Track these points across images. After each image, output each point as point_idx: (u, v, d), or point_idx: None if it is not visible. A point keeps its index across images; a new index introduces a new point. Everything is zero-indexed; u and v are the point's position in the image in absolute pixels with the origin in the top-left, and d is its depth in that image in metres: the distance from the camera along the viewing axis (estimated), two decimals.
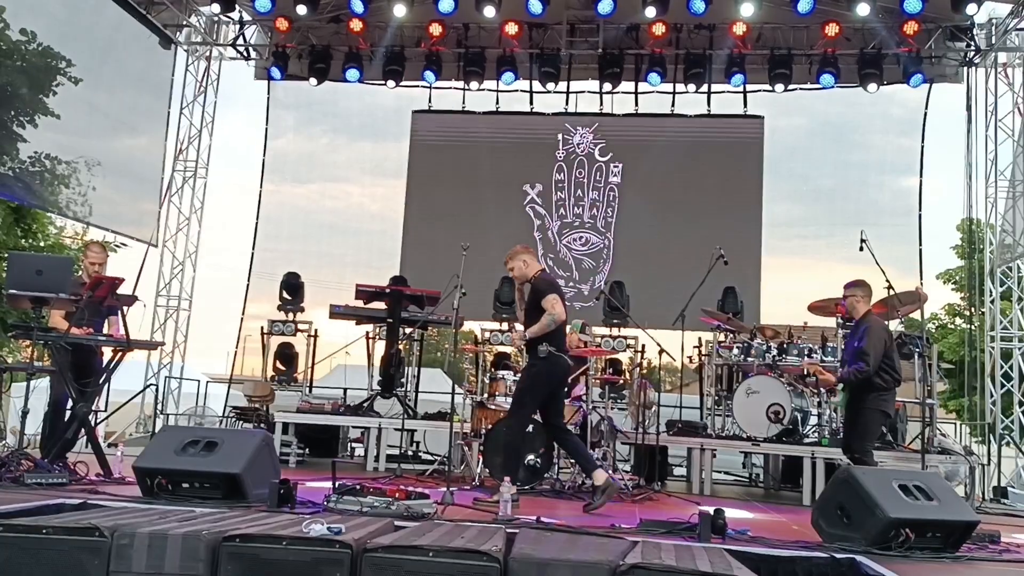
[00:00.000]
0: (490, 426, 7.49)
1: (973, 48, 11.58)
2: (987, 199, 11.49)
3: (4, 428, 7.49)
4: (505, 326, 10.89)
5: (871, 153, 13.05)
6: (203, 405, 12.52)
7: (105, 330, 6.99)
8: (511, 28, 11.63)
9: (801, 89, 12.17)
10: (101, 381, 6.58)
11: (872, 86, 11.49)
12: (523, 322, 6.51)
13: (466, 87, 12.70)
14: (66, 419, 6.57)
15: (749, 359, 8.82)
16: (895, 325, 8.07)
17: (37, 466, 5.70)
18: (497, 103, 13.00)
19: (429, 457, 9.83)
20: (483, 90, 12.75)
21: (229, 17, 12.77)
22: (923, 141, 12.38)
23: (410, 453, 9.95)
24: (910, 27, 10.88)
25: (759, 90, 12.29)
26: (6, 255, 12.74)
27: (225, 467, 5.05)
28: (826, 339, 8.85)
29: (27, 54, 11.96)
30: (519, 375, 6.84)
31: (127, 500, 4.88)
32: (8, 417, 7.87)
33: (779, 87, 11.80)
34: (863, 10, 10.64)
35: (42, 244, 15.03)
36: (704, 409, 10.03)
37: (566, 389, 7.15)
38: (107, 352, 6.67)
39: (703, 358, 10.03)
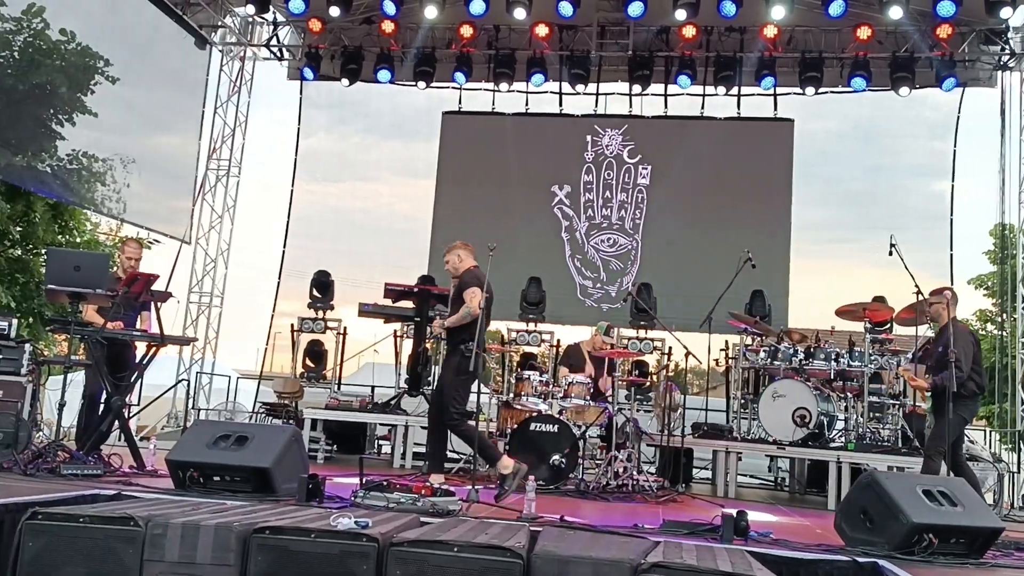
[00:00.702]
0: (516, 425, 7.55)
1: (1008, 52, 11.45)
2: (1020, 204, 11.34)
3: (41, 420, 7.65)
4: (532, 326, 10.94)
5: (902, 157, 12.95)
6: (233, 401, 12.69)
7: (138, 325, 7.14)
8: (541, 30, 11.68)
9: (832, 92, 12.10)
10: (135, 375, 6.72)
11: (904, 90, 11.40)
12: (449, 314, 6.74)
13: (496, 88, 12.76)
14: (100, 412, 6.73)
15: (776, 363, 8.80)
16: (923, 330, 8.00)
17: (73, 457, 5.83)
18: (527, 104, 13.06)
19: (455, 455, 9.90)
20: (513, 91, 12.79)
21: (263, 18, 12.94)
22: (955, 145, 12.26)
23: None
24: (943, 30, 10.78)
25: (789, 93, 12.23)
26: (45, 251, 12.99)
27: (255, 461, 5.14)
28: (854, 344, 8.80)
29: (66, 53, 12.19)
30: (444, 371, 6.88)
31: (160, 492, 4.99)
32: (45, 409, 8.04)
33: (810, 90, 11.74)
34: (896, 13, 10.55)
35: (78, 240, 15.29)
36: (730, 412, 10.02)
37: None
38: (140, 347, 6.81)
39: (730, 361, 10.02)
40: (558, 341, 10.70)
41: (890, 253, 6.98)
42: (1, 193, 12.48)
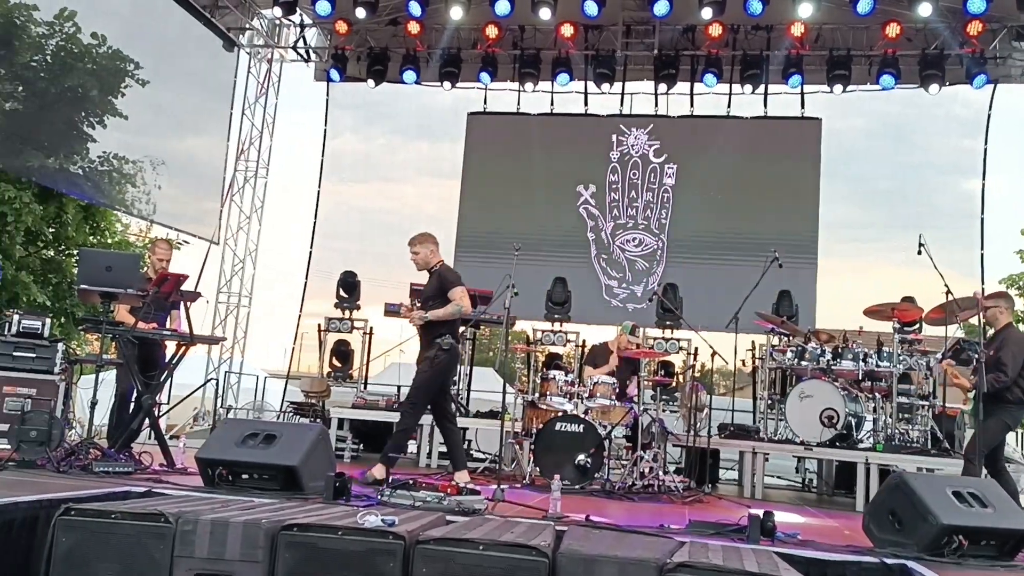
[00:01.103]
0: (541, 425, 7.56)
1: None
2: None
3: (73, 418, 7.77)
4: (557, 326, 10.94)
5: (932, 155, 12.80)
6: (261, 400, 12.80)
7: (168, 325, 7.23)
8: (567, 30, 11.68)
9: (860, 90, 11.98)
10: (165, 374, 6.80)
11: (934, 87, 11.27)
12: (419, 307, 6.78)
13: (521, 89, 12.78)
14: (131, 410, 6.82)
15: (803, 363, 8.73)
16: (953, 330, 7.91)
17: (104, 455, 5.92)
18: (552, 104, 13.06)
19: (480, 455, 9.92)
20: (538, 91, 12.80)
21: (290, 20, 13.05)
22: (986, 143, 12.10)
23: None
24: (974, 27, 10.61)
25: (817, 91, 12.13)
26: (77, 252, 13.19)
27: (283, 459, 5.19)
28: (882, 344, 8.72)
29: (97, 57, 12.37)
30: (420, 364, 6.82)
31: (190, 489, 5.05)
32: (77, 408, 8.17)
33: (837, 88, 11.63)
34: (925, 10, 10.42)
35: (109, 241, 15.51)
36: (757, 413, 9.96)
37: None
38: (170, 346, 6.90)
39: (756, 361, 9.96)
40: (583, 341, 10.69)
41: (919, 252, 6.91)
42: (34, 195, 12.69)
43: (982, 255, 11.89)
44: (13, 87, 11.45)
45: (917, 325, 8.96)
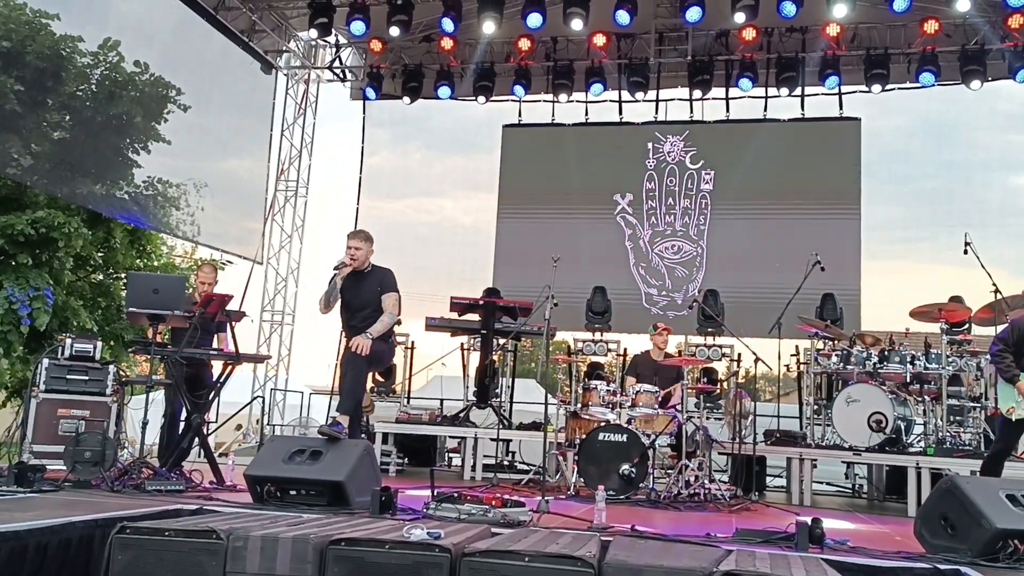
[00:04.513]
0: (584, 436, 7.54)
1: None
2: None
3: (125, 438, 7.93)
4: (598, 336, 10.92)
5: (977, 151, 12.58)
6: (307, 416, 12.94)
7: (215, 345, 7.36)
8: (599, 39, 11.71)
9: (900, 89, 11.83)
10: (212, 393, 6.93)
11: (975, 83, 11.09)
12: (349, 303, 6.82)
13: (555, 99, 12.84)
14: (181, 430, 6.95)
15: (849, 367, 8.60)
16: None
17: (156, 474, 6.03)
18: (586, 114, 13.09)
19: (524, 467, 9.92)
20: (572, 102, 12.87)
21: (326, 41, 13.28)
22: None
23: (506, 463, 10.06)
24: (1015, 20, 10.45)
25: (855, 91, 12.01)
26: (125, 275, 13.48)
27: (330, 475, 5.25)
28: (929, 346, 8.56)
29: (141, 84, 12.67)
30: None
31: (239, 506, 5.13)
32: (128, 428, 8.32)
33: (876, 87, 11.51)
34: (963, 5, 10.29)
35: (155, 264, 15.81)
36: (803, 418, 9.84)
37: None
38: (217, 366, 7.02)
39: (801, 366, 9.84)
40: (624, 350, 10.66)
41: (965, 252, 6.81)
42: (83, 220, 12.99)
43: None
44: (61, 117, 11.77)
45: (966, 325, 8.80)
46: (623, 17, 10.80)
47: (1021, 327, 6.32)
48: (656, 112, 12.91)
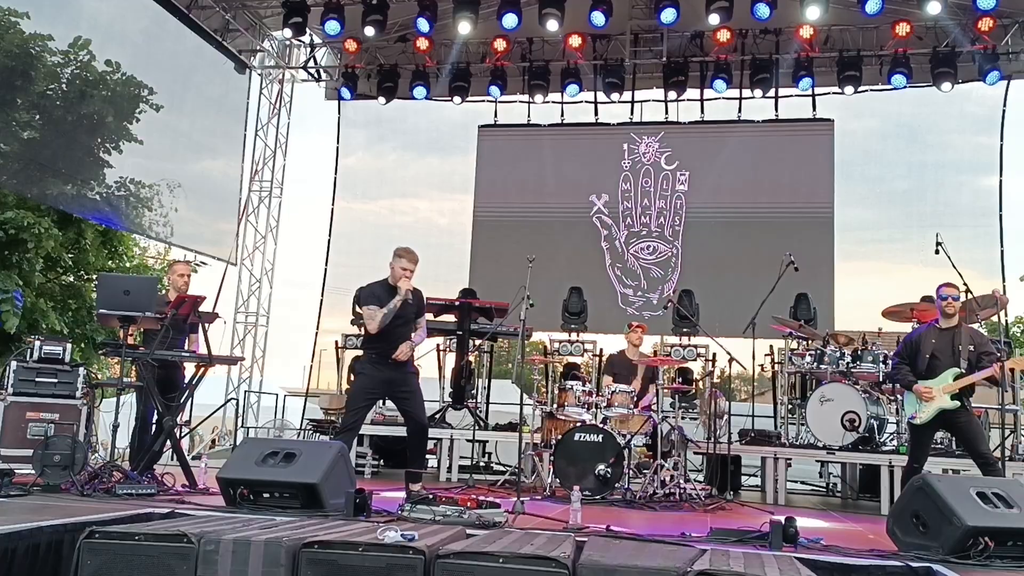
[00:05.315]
0: (560, 436, 7.54)
1: None
2: None
3: (96, 442, 7.83)
4: (574, 336, 10.93)
5: (948, 153, 12.72)
6: (281, 418, 12.85)
7: (187, 346, 7.28)
8: (575, 40, 11.73)
9: (872, 90, 11.96)
10: (185, 396, 6.85)
11: (946, 85, 11.22)
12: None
13: (531, 100, 12.84)
14: (152, 432, 6.87)
15: (822, 367, 8.67)
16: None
17: (127, 477, 5.96)
18: (562, 115, 13.11)
19: (500, 468, 9.92)
20: (548, 103, 12.87)
21: (300, 41, 13.20)
22: (1002, 139, 12.05)
23: (482, 464, 10.05)
24: (984, 23, 10.59)
25: (828, 93, 12.12)
26: (96, 276, 13.32)
27: (304, 477, 5.20)
28: None
29: (112, 84, 12.52)
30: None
31: (212, 509, 5.07)
32: (99, 431, 8.23)
33: (849, 89, 11.62)
34: (934, 8, 10.39)
35: (128, 265, 15.65)
36: (777, 418, 9.90)
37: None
38: (189, 368, 6.95)
39: (775, 366, 9.91)
40: (600, 351, 10.67)
41: (936, 251, 6.86)
42: (54, 221, 12.83)
43: (1002, 252, 11.83)
44: (31, 116, 11.61)
45: None
46: (598, 18, 10.82)
47: (914, 340, 6.58)
48: (631, 113, 12.96)
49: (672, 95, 12.37)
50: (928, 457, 6.69)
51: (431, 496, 5.22)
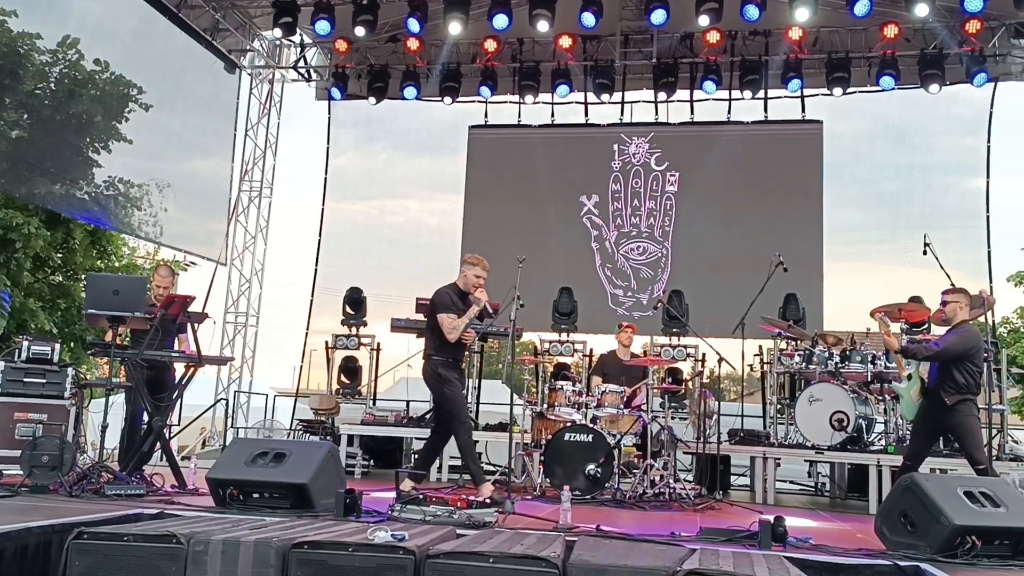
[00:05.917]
0: (550, 436, 7.55)
1: None
2: None
3: (85, 442, 7.80)
4: (564, 336, 10.94)
5: (935, 155, 12.80)
6: (271, 418, 12.83)
7: (176, 347, 7.26)
8: (565, 41, 11.74)
9: (860, 92, 12.01)
10: (174, 396, 6.83)
11: (934, 87, 11.27)
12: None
13: (521, 101, 12.83)
14: (142, 433, 6.84)
15: (811, 367, 8.71)
16: None
17: (116, 478, 5.94)
18: (552, 116, 13.11)
19: (491, 468, 9.91)
20: (538, 103, 12.86)
21: (291, 41, 13.16)
22: (989, 141, 12.12)
23: None
24: (972, 26, 10.65)
25: (817, 94, 12.17)
26: (84, 276, 13.27)
27: (293, 478, 5.20)
28: None
29: (101, 83, 12.48)
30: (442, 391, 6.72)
31: (201, 510, 5.06)
32: (88, 432, 8.19)
33: (837, 91, 11.66)
34: (922, 10, 10.43)
35: (117, 265, 15.59)
36: (767, 418, 9.94)
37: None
38: (179, 368, 6.92)
39: (764, 366, 9.94)
40: (591, 351, 10.69)
41: (924, 252, 6.91)
42: (42, 221, 12.77)
43: (989, 253, 11.90)
44: (19, 115, 11.55)
45: (925, 325, 8.93)
46: (589, 19, 10.83)
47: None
48: (621, 114, 12.96)
49: (662, 96, 12.39)
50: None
51: (421, 496, 5.22)
